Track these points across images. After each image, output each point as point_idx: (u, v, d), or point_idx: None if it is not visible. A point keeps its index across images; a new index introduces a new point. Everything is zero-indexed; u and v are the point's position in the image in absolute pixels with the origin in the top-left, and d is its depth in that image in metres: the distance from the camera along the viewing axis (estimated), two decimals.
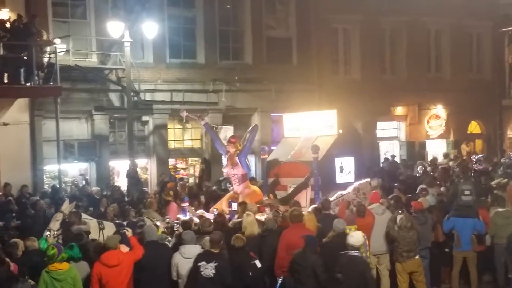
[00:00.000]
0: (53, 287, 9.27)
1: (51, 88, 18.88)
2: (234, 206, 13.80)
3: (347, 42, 27.65)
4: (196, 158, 24.54)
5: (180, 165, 24.56)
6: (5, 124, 19.26)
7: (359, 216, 12.52)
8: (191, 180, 23.49)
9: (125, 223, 13.11)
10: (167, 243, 11.49)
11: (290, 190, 15.32)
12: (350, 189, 15.03)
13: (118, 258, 9.82)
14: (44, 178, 20.76)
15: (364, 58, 27.40)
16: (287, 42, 25.91)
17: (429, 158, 26.78)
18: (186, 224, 12.03)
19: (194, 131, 24.13)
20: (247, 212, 12.20)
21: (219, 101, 23.57)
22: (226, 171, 15.42)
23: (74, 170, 21.46)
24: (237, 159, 14.67)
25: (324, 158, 15.10)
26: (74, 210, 12.30)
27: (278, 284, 11.25)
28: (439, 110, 29.36)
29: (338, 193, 14.74)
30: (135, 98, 21.48)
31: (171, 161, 23.89)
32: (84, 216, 12.39)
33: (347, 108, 25.39)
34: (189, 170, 24.59)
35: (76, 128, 21.21)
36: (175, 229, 12.69)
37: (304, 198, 14.92)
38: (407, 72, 28.60)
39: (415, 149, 28.85)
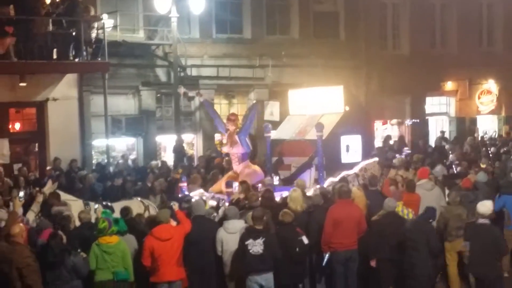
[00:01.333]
0: (103, 260, 9.41)
1: (99, 63, 19.00)
2: (235, 186, 13.39)
3: (396, 16, 27.14)
4: None
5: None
6: (54, 99, 19.48)
7: (409, 191, 12.33)
8: None
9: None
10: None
11: (293, 169, 15.00)
12: (356, 169, 14.58)
13: (170, 232, 9.90)
14: (93, 153, 21.01)
15: (413, 32, 26.88)
16: (334, 16, 25.57)
17: (480, 134, 26.26)
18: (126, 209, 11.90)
19: (241, 106, 24.05)
20: (293, 188, 12.14)
21: (265, 76, 23.44)
22: (225, 149, 15.09)
23: (122, 145, 21.66)
24: (236, 137, 14.25)
25: (329, 136, 14.63)
26: (54, 191, 12.07)
27: (325, 260, 11.21)
28: (491, 85, 28.73)
29: (343, 173, 14.26)
30: (182, 74, 21.50)
31: (218, 137, 23.92)
32: (68, 197, 12.18)
33: (395, 83, 25.17)
34: None
35: (124, 103, 21.36)
36: (220, 204, 12.70)
37: (308, 178, 14.54)
38: (458, 46, 27.94)
39: (465, 125, 28.29)
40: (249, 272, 9.91)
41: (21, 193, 13.35)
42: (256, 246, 9.83)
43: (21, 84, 18.05)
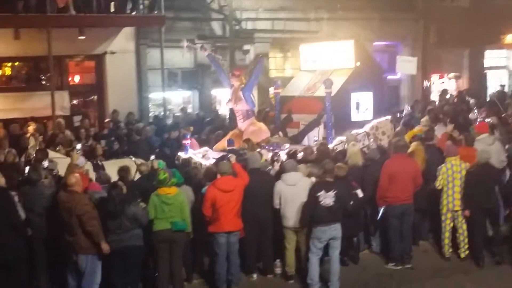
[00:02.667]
0: (161, 210, 9.62)
1: (155, 17, 19.12)
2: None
3: None
4: None
5: None
6: (112, 53, 19.74)
7: (467, 145, 12.19)
8: None
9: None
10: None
11: (302, 127, 14.60)
12: (367, 127, 14.16)
13: (233, 184, 10.05)
14: (149, 105, 21.29)
15: None
16: None
17: None
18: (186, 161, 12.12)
19: (295, 60, 23.91)
20: (352, 142, 12.14)
21: (321, 30, 23.20)
22: (229, 106, 14.71)
23: (178, 98, 21.88)
24: (240, 93, 13.83)
25: (338, 93, 14.18)
26: (42, 148, 12.12)
27: (380, 214, 11.24)
28: None
29: (353, 131, 13.88)
30: (237, 27, 21.46)
31: (272, 90, 23.91)
32: (55, 155, 12.18)
33: (454, 36, 24.60)
34: None
35: (179, 57, 21.48)
36: (275, 158, 12.77)
37: (316, 137, 14.24)
38: None
39: None
40: (318, 223, 9.98)
41: (78, 146, 13.71)
42: (327, 198, 9.87)
43: (80, 38, 18.33)
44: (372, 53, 23.85)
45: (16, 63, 20.16)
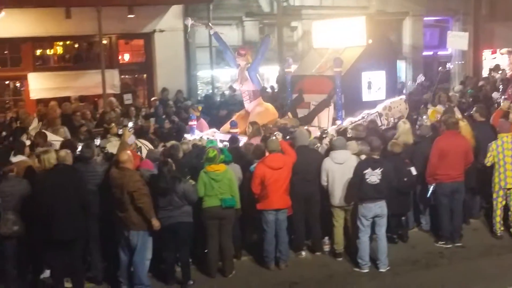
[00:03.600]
0: (211, 187, 9.71)
1: None
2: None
3: None
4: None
5: None
6: (161, 31, 19.89)
7: None
8: None
9: None
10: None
11: (312, 108, 14.18)
12: (379, 107, 13.68)
13: (281, 161, 10.07)
14: (198, 83, 21.41)
15: None
16: None
17: None
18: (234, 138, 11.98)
19: None
20: (403, 120, 12.01)
21: (369, 5, 22.89)
22: (235, 86, 14.35)
23: (226, 76, 21.94)
24: (246, 73, 13.43)
25: (348, 72, 13.72)
26: (41, 131, 12.02)
27: (430, 192, 11.13)
28: None
29: (365, 112, 13.47)
30: (285, 4, 21.36)
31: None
32: (54, 137, 12.10)
33: (507, 9, 23.95)
34: None
35: (227, 34, 21.48)
36: (324, 135, 12.73)
37: (326, 118, 13.81)
38: None
39: None
40: (364, 200, 9.96)
41: (130, 124, 13.84)
42: (373, 176, 9.81)
43: (130, 16, 18.50)
44: (422, 28, 23.68)
45: (68, 42, 20.48)
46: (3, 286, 9.31)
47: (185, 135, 13.43)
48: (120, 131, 12.18)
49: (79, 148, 10.65)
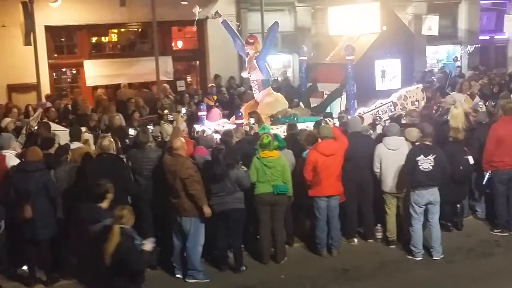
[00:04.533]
0: (263, 173, 9.72)
1: None
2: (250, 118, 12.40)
3: None
4: None
5: None
6: (213, 17, 19.92)
7: None
8: None
9: None
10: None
11: (325, 97, 13.76)
12: (394, 97, 13.22)
13: (334, 147, 10.03)
14: None
15: None
16: None
17: None
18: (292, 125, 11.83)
19: None
20: (455, 105, 11.81)
21: None
22: (244, 75, 13.92)
23: (278, 62, 21.90)
24: (254, 62, 12.97)
25: (361, 60, 13.27)
26: (45, 121, 11.93)
27: (485, 179, 10.94)
28: None
29: (378, 101, 13.07)
30: None
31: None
32: (57, 127, 12.07)
33: None
34: None
35: (279, 20, 21.41)
36: (377, 122, 12.60)
37: (339, 107, 13.40)
38: None
39: None
40: (416, 187, 9.85)
41: (183, 110, 13.93)
42: (426, 163, 9.69)
43: (183, 3, 18.60)
44: (479, 12, 23.19)
45: (122, 30, 20.77)
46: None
47: (194, 125, 13.15)
48: (172, 117, 12.31)
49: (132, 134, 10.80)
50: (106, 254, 6.84)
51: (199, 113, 13.28)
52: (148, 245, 7.10)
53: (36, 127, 11.87)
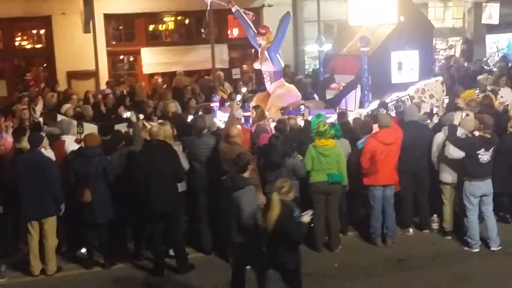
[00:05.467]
0: (318, 162, 9.71)
1: None
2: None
3: None
4: (457, 38, 23.49)
5: (440, 45, 23.69)
6: (269, 6, 19.97)
7: None
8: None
9: None
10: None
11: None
12: (411, 90, 12.81)
13: (393, 136, 9.97)
14: (305, 58, 21.34)
15: None
16: None
17: None
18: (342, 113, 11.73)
19: (456, 10, 22.98)
20: None
21: None
22: (256, 66, 13.58)
23: None
24: (266, 53, 12.82)
25: (377, 52, 12.82)
26: (52, 112, 11.86)
27: None
28: None
29: (394, 95, 12.65)
30: None
31: None
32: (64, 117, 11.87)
33: None
34: (449, 51, 23.66)
35: (335, 9, 21.28)
36: (435, 112, 12.41)
37: (353, 101, 13.00)
38: None
39: None
40: (473, 178, 9.71)
41: (238, 97, 13.97)
42: (486, 155, 9.58)
43: None
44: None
45: (178, 18, 20.94)
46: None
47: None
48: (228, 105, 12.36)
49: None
50: (268, 223, 7.04)
51: (212, 104, 13.15)
52: (306, 217, 7.26)
53: (39, 118, 12.02)
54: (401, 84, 12.99)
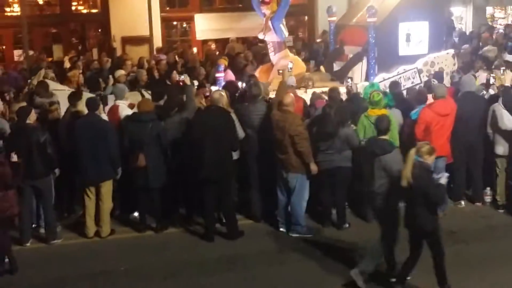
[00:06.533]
0: (370, 131, 9.61)
1: None
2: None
3: None
4: None
5: (499, 14, 23.08)
6: None
7: None
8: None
9: None
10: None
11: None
12: (419, 62, 12.36)
13: (449, 107, 9.85)
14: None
15: None
16: None
17: None
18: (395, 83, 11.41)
19: None
20: None
21: None
22: (260, 36, 13.24)
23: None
24: (270, 23, 12.55)
25: (384, 23, 12.35)
26: (43, 81, 11.67)
27: None
28: None
29: (401, 67, 12.23)
30: None
31: (489, 10, 22.55)
32: (56, 86, 11.86)
33: None
34: (508, 20, 23.03)
35: None
36: (491, 82, 12.14)
37: (359, 73, 12.62)
38: None
39: None
40: None
41: (290, 65, 13.90)
42: None
43: None
44: None
45: None
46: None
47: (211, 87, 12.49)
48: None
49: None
50: (403, 178, 7.20)
51: (217, 75, 12.84)
52: (443, 179, 7.33)
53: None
54: (409, 57, 12.64)
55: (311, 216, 10.02)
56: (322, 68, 13.67)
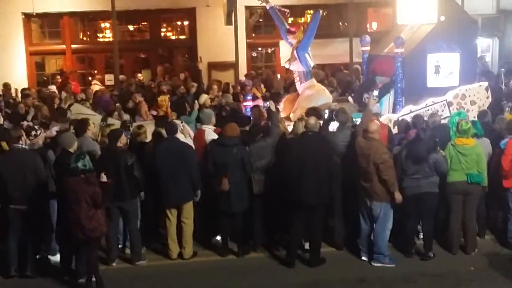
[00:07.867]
0: (457, 161, 9.46)
1: None
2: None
3: None
4: None
5: None
6: (261, 3, 19.59)
7: None
8: None
9: None
10: None
11: None
12: (450, 95, 11.73)
13: None
14: None
15: None
16: None
17: None
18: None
19: None
20: None
21: None
22: (286, 66, 12.83)
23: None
24: (295, 52, 12.25)
25: (413, 53, 11.90)
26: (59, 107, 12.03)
27: None
28: None
29: (430, 100, 11.64)
30: None
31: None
32: (86, 111, 12.08)
33: None
34: None
35: (481, 3, 20.54)
36: None
37: (387, 104, 12.11)
38: None
39: None
40: None
41: (375, 92, 13.80)
42: None
43: None
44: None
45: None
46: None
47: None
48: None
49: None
50: None
51: (244, 104, 12.73)
52: None
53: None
54: (438, 89, 12.14)
55: (394, 245, 9.88)
56: (349, 98, 13.49)
